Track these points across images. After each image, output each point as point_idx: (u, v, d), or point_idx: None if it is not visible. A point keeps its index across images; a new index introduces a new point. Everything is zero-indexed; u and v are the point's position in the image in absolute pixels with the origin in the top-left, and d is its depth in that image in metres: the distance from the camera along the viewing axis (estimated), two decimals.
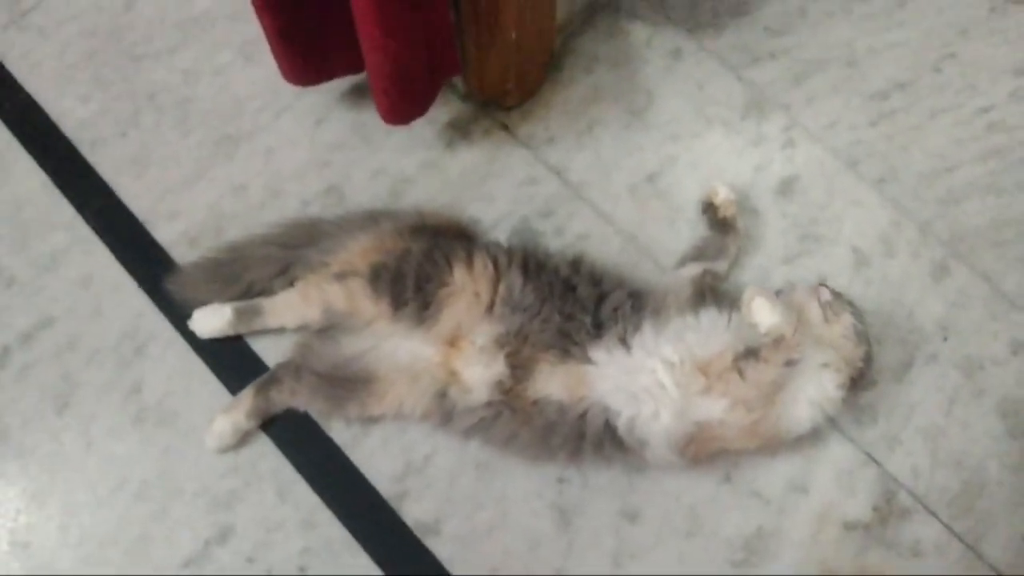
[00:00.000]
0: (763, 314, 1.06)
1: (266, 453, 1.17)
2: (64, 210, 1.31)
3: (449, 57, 1.22)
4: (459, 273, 1.13)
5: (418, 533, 1.13)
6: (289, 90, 1.36)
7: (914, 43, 1.46)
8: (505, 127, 1.38)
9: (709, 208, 1.27)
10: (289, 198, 1.32)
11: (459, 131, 1.38)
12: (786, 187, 1.33)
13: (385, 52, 1.08)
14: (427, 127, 1.37)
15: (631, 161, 1.35)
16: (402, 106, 1.21)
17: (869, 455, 1.17)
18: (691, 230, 1.30)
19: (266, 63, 1.37)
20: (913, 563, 1.12)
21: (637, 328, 1.09)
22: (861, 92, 1.41)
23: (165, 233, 1.29)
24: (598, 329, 1.10)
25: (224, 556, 1.12)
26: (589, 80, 1.41)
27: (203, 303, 1.21)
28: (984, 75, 1.43)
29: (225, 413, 1.15)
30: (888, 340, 1.23)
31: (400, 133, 1.36)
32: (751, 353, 1.05)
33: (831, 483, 1.16)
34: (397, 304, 1.12)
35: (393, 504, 1.15)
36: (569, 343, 1.09)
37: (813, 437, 1.15)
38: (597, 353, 1.09)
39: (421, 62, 1.15)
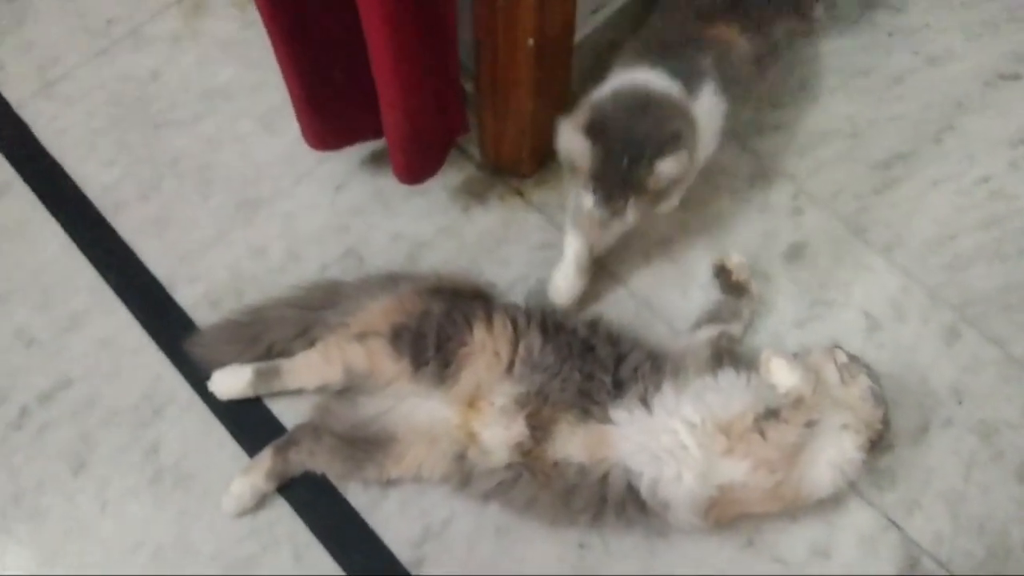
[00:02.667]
0: (781, 374, 1.07)
1: (283, 516, 1.16)
2: (86, 272, 1.32)
3: (459, 118, 1.28)
4: (479, 332, 1.14)
5: None
6: (309, 158, 1.40)
7: (913, 116, 1.51)
8: (520, 193, 1.42)
9: (722, 272, 1.29)
10: (308, 261, 1.34)
11: (475, 197, 1.41)
12: (795, 253, 1.36)
13: (404, 111, 1.13)
14: (444, 193, 1.41)
15: (643, 226, 1.37)
16: (417, 164, 1.25)
17: (890, 519, 1.17)
18: (703, 294, 1.32)
19: (287, 132, 1.42)
20: None
21: (657, 388, 1.10)
22: (864, 161, 1.46)
23: (186, 295, 1.31)
24: (618, 389, 1.11)
25: None
26: None
27: (223, 364, 1.21)
28: (982, 146, 1.48)
29: (244, 475, 1.14)
30: (903, 404, 1.23)
31: (418, 199, 1.39)
32: (772, 414, 1.06)
33: (853, 548, 1.15)
34: (417, 363, 1.13)
35: (411, 570, 1.13)
36: (589, 403, 1.10)
37: (834, 501, 1.15)
38: (618, 413, 1.09)
39: (434, 121, 1.20)
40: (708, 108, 1.16)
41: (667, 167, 1.04)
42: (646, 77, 1.12)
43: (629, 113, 1.07)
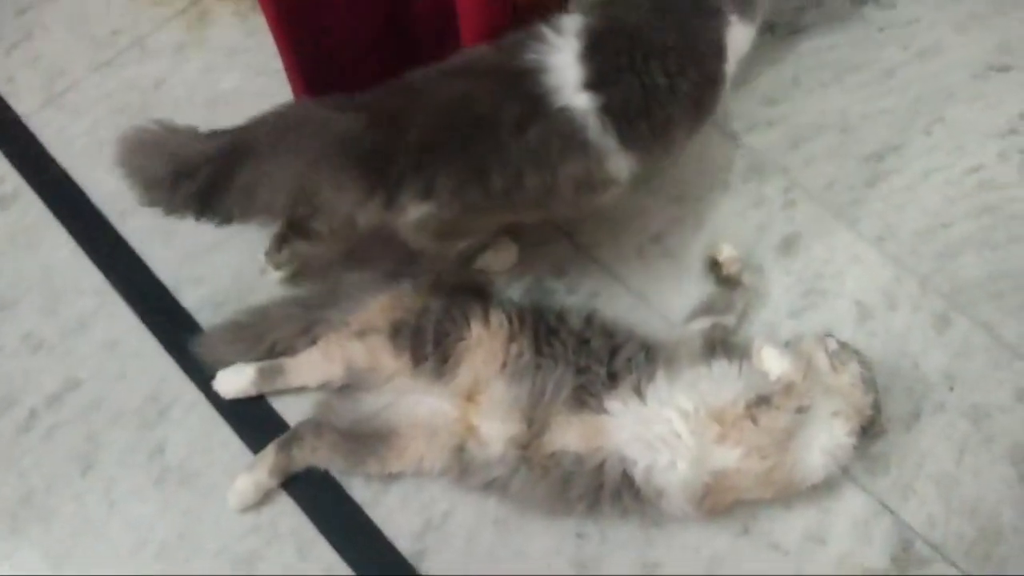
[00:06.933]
0: (772, 361, 1.09)
1: (286, 512, 1.18)
2: (92, 276, 1.35)
3: None
4: (476, 328, 1.17)
5: None
6: None
7: (904, 109, 1.53)
8: None
9: (714, 265, 1.32)
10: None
11: None
12: (788, 245, 1.38)
13: None
14: None
15: (638, 223, 1.41)
16: None
17: (884, 504, 1.18)
18: (698, 288, 1.34)
19: None
20: None
21: (651, 378, 1.12)
22: (856, 155, 1.48)
23: (190, 298, 1.34)
24: (612, 380, 1.13)
25: None
26: None
27: (227, 364, 1.24)
28: (971, 137, 1.50)
29: (247, 472, 1.17)
30: (895, 390, 1.25)
31: None
32: (763, 400, 1.08)
33: (847, 533, 1.16)
34: (417, 358, 1.15)
35: (412, 562, 1.15)
36: (584, 394, 1.12)
37: (827, 487, 1.16)
38: (612, 403, 1.11)
39: None
40: None
41: None
42: None
43: None
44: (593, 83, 1.03)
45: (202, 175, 1.05)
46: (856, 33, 1.61)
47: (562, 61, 1.03)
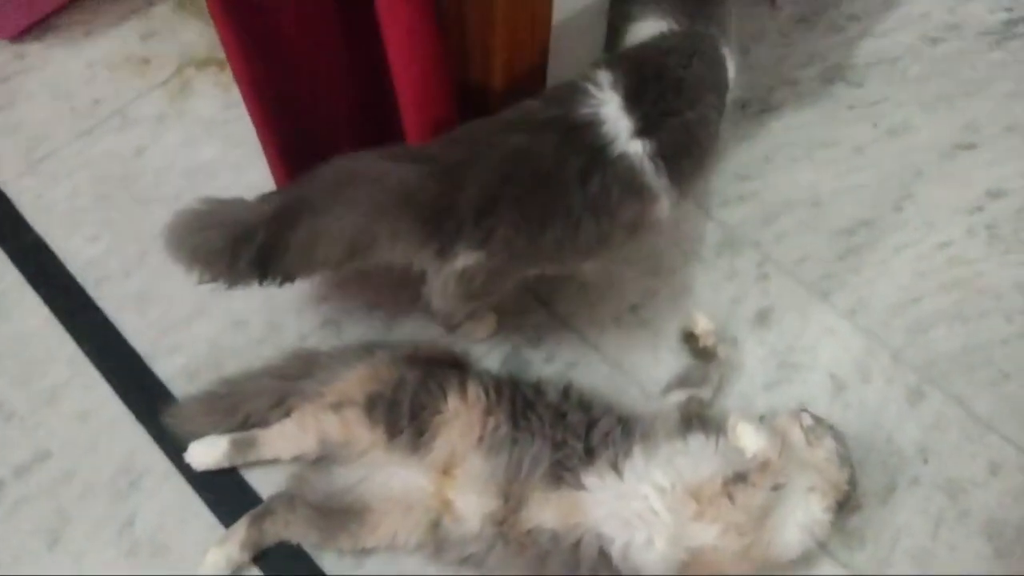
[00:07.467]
0: (748, 438, 1.09)
1: None
2: (66, 345, 1.34)
3: None
4: (453, 401, 1.16)
5: None
6: None
7: (874, 185, 1.57)
8: None
9: (690, 337, 1.33)
10: (287, 332, 1.37)
11: None
12: (762, 318, 1.40)
13: None
14: None
15: (614, 294, 1.42)
16: None
17: None
18: (674, 358, 1.35)
19: None
20: None
21: (628, 454, 1.12)
22: (827, 229, 1.51)
23: (165, 368, 1.33)
24: (590, 455, 1.13)
25: None
26: None
27: (200, 436, 1.22)
28: (940, 213, 1.54)
29: (219, 546, 1.14)
30: (870, 464, 1.26)
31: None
32: (740, 477, 1.08)
33: None
34: (392, 432, 1.14)
35: None
36: (561, 470, 1.12)
37: (805, 562, 1.16)
38: (589, 479, 1.11)
39: None
40: None
41: None
42: None
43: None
44: (642, 131, 1.08)
45: (259, 238, 1.05)
46: (826, 111, 1.67)
47: (612, 113, 1.08)
